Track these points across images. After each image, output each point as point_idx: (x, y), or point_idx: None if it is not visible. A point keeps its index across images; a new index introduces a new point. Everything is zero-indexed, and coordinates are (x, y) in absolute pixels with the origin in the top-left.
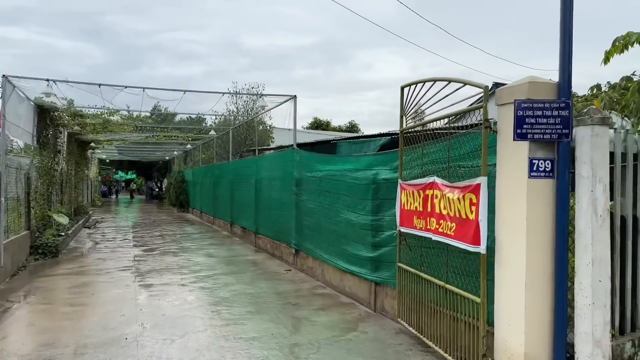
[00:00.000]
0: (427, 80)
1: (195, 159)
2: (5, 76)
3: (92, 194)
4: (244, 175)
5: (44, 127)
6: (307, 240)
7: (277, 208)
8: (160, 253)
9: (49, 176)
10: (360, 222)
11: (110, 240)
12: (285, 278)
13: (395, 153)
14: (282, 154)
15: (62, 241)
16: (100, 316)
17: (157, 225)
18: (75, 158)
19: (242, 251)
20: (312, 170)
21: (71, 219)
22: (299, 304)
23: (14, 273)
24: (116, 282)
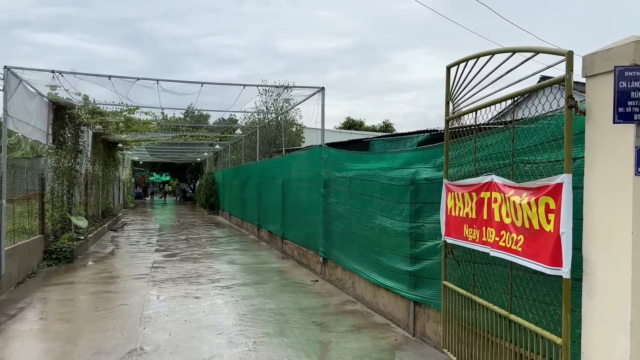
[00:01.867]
0: (481, 54)
1: (224, 160)
2: (7, 67)
3: (124, 196)
4: (271, 176)
5: (61, 126)
6: (336, 248)
7: (304, 212)
8: (180, 259)
9: (69, 177)
10: (396, 230)
11: (132, 244)
12: (312, 290)
13: (439, 148)
14: (309, 153)
15: (80, 245)
16: (97, 336)
17: (185, 228)
18: (103, 159)
19: (267, 258)
20: (341, 170)
21: (96, 222)
22: (325, 323)
23: (21, 281)
24: (126, 294)
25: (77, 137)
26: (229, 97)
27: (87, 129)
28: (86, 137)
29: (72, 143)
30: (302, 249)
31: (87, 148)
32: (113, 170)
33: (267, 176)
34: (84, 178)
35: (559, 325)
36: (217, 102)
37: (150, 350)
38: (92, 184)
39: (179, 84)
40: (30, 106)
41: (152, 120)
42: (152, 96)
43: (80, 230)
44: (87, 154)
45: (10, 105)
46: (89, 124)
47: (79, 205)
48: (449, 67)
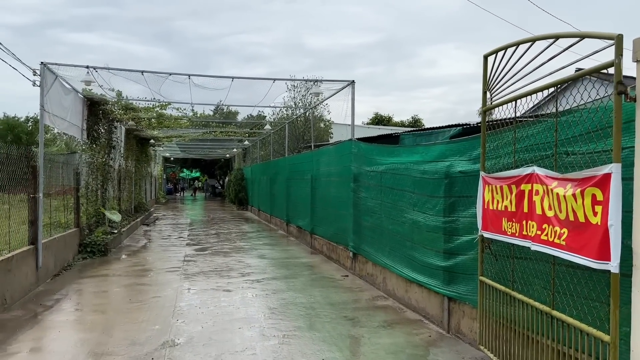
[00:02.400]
0: (522, 41)
1: (253, 156)
2: (43, 63)
3: (156, 192)
4: (299, 171)
5: (95, 121)
6: (366, 243)
7: (333, 207)
8: (211, 253)
9: (102, 172)
10: (429, 224)
11: (164, 238)
12: (342, 285)
13: (476, 139)
14: (339, 147)
15: (114, 239)
16: (131, 327)
17: (215, 223)
18: (135, 155)
19: (296, 253)
20: (372, 164)
21: (129, 216)
22: (356, 318)
23: (57, 273)
24: (159, 286)
25: (111, 132)
26: (257, 94)
27: (120, 125)
28: (119, 133)
29: (105, 139)
30: (332, 244)
31: (120, 144)
32: (145, 166)
33: (296, 171)
34: (117, 173)
35: (605, 322)
36: (245, 99)
37: (184, 342)
38: (125, 179)
39: (209, 79)
40: (65, 102)
41: (183, 116)
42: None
43: (113, 224)
44: (120, 149)
45: (46, 101)
46: (122, 119)
47: (113, 200)
48: (487, 56)
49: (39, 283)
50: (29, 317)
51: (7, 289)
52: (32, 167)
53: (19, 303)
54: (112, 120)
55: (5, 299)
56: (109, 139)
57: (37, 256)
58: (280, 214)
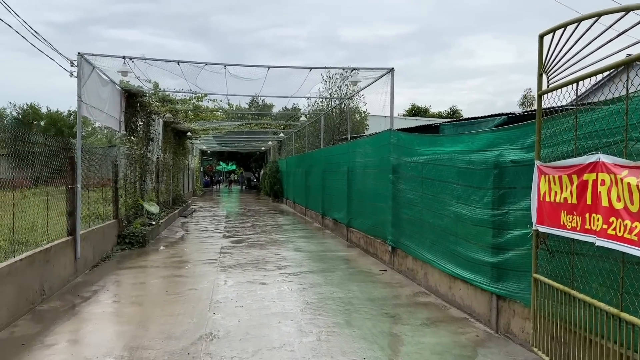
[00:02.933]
0: (583, 17)
1: (288, 148)
2: (80, 54)
3: (193, 184)
4: (335, 163)
5: (132, 114)
6: (406, 237)
7: (371, 199)
8: (248, 245)
9: (141, 164)
10: (476, 218)
11: (201, 230)
12: (381, 280)
13: (529, 126)
14: (377, 138)
15: (152, 230)
16: (167, 320)
17: (250, 216)
18: (173, 147)
19: (332, 246)
20: (412, 155)
21: (167, 208)
22: (398, 315)
23: (95, 264)
24: (195, 278)
25: (149, 125)
26: (292, 86)
27: (157, 117)
28: (157, 126)
29: (143, 131)
30: (369, 237)
31: (158, 136)
32: (182, 158)
33: (332, 163)
34: (155, 165)
35: None
36: (280, 92)
37: (220, 336)
38: (162, 171)
39: (245, 69)
40: (103, 93)
41: (219, 108)
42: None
43: (152, 216)
44: (158, 142)
45: (83, 92)
46: (160, 112)
47: (151, 192)
48: (542, 36)
49: (77, 274)
50: (66, 308)
51: (46, 279)
52: (69, 158)
53: (58, 294)
54: (150, 112)
55: (44, 289)
56: (147, 131)
57: (75, 247)
58: (315, 207)
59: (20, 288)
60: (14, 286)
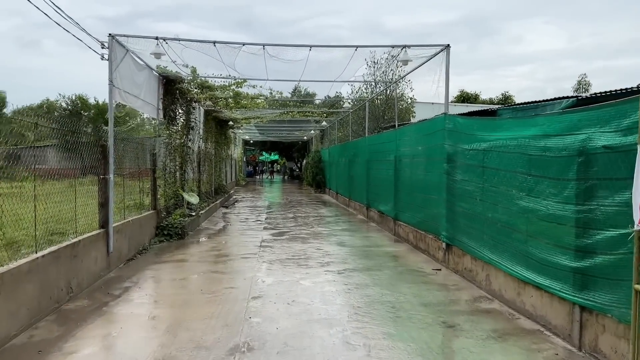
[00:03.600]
0: None
1: (330, 137)
2: (111, 35)
3: (236, 174)
4: (381, 152)
5: (171, 101)
6: (463, 233)
7: (421, 190)
8: (289, 238)
9: (181, 153)
10: (553, 214)
11: (242, 222)
12: (434, 281)
13: (629, 103)
14: (429, 124)
15: (191, 222)
16: (198, 326)
17: (292, 207)
18: (215, 137)
19: (378, 240)
20: (471, 141)
21: (209, 198)
22: (458, 326)
23: (131, 257)
24: (233, 275)
25: (189, 113)
26: (335, 74)
27: (198, 105)
28: (198, 114)
29: (184, 119)
30: (419, 232)
31: (199, 125)
32: (225, 148)
33: (377, 152)
34: (196, 155)
35: None
36: (322, 78)
37: (256, 347)
38: (204, 161)
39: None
40: (138, 79)
41: (259, 95)
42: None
43: (192, 207)
44: (199, 131)
45: (115, 76)
46: (200, 100)
47: (192, 182)
48: None
49: (110, 268)
50: (93, 308)
51: (74, 276)
52: (101, 146)
53: (87, 291)
54: (190, 100)
55: (71, 287)
56: (187, 120)
57: (107, 240)
58: (359, 198)
59: (43, 286)
60: (35, 285)
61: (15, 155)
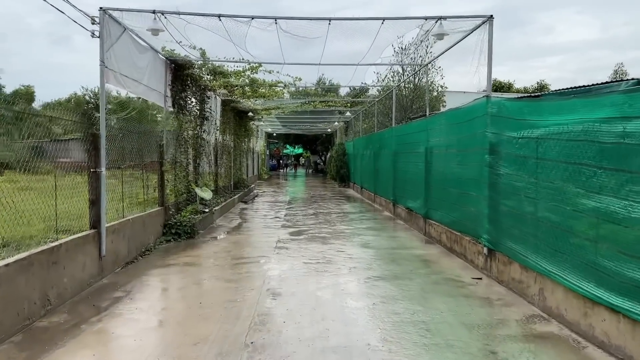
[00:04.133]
0: None
1: (355, 129)
2: (103, 9)
3: (258, 168)
4: (409, 143)
5: (182, 88)
6: (509, 237)
7: (457, 186)
8: (307, 238)
9: (194, 145)
10: (637, 218)
11: (260, 218)
12: (475, 293)
13: None
14: (467, 109)
15: (203, 219)
16: (189, 353)
17: (314, 202)
18: (233, 129)
19: (407, 241)
20: (520, 128)
21: (227, 193)
22: (512, 358)
23: (131, 260)
24: (239, 283)
25: (203, 102)
26: (358, 57)
27: (213, 95)
28: (213, 104)
29: (197, 109)
30: (454, 232)
31: (215, 116)
32: (245, 140)
33: (405, 143)
34: (213, 148)
35: None
36: (346, 62)
37: None
38: (222, 154)
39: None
40: (140, 62)
41: (277, 82)
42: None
43: (205, 202)
44: (215, 122)
45: (109, 56)
46: (214, 88)
47: (208, 176)
48: None
49: (103, 274)
50: (69, 326)
51: (52, 285)
52: (91, 135)
53: (70, 303)
54: (204, 88)
55: (48, 298)
56: (201, 109)
57: (99, 242)
58: (385, 193)
59: (6, 302)
60: None
61: None
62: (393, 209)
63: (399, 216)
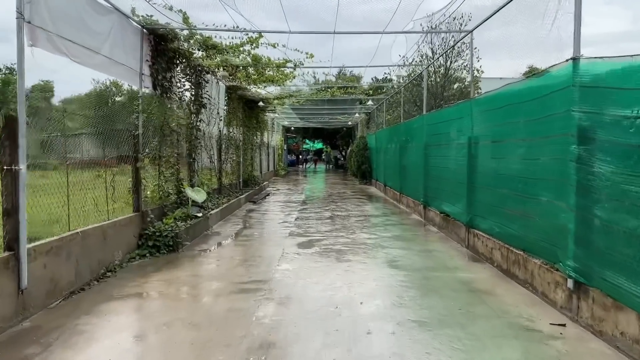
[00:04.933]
0: None
1: (378, 120)
2: None
3: (274, 163)
4: (447, 133)
5: (167, 67)
6: (616, 269)
7: (519, 188)
8: (319, 252)
9: (188, 137)
10: None
11: (265, 222)
12: (561, 351)
13: None
14: (537, 82)
15: (194, 225)
16: None
17: (331, 202)
18: (243, 120)
19: (446, 257)
20: (634, 104)
21: (233, 192)
22: None
23: (79, 288)
24: (214, 332)
25: (200, 86)
26: (382, 40)
27: (213, 79)
28: (214, 91)
29: (192, 94)
30: (514, 250)
31: (217, 103)
32: (257, 133)
33: (441, 134)
34: (216, 141)
35: None
36: (367, 55)
37: None
38: (227, 148)
39: None
40: (98, 25)
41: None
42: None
43: (202, 204)
44: (217, 110)
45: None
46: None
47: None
48: None
49: (25, 314)
50: None
51: None
52: (6, 118)
53: None
54: (199, 70)
55: None
56: (196, 95)
57: (18, 270)
58: (413, 193)
59: None
60: None
61: None
62: (424, 212)
63: (431, 221)
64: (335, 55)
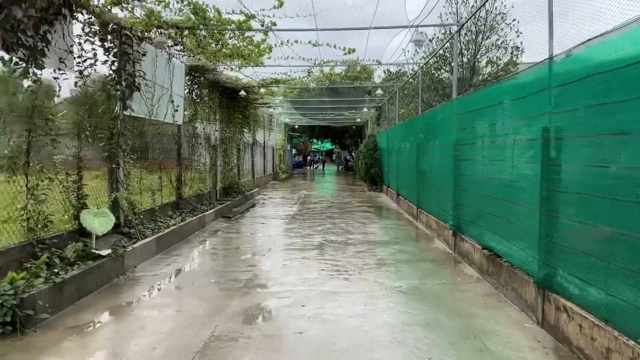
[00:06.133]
0: None
1: (390, 115)
2: None
3: (274, 166)
4: (491, 124)
5: (40, 18)
6: None
7: None
8: (273, 347)
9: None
10: None
11: (225, 257)
12: None
13: None
14: None
15: (80, 276)
16: None
17: (328, 217)
18: (220, 114)
19: (510, 351)
20: None
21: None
22: None
23: None
24: None
25: (126, 58)
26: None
27: (161, 52)
28: (163, 70)
29: (113, 68)
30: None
31: (169, 88)
32: (244, 130)
33: (480, 128)
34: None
35: None
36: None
37: None
38: (193, 148)
39: None
40: None
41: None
42: None
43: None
44: (170, 98)
45: None
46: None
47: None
48: None
49: None
50: None
51: None
52: None
53: None
54: (119, 33)
55: None
56: (118, 70)
57: None
58: (436, 210)
59: None
60: None
61: None
62: (453, 241)
63: (465, 257)
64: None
